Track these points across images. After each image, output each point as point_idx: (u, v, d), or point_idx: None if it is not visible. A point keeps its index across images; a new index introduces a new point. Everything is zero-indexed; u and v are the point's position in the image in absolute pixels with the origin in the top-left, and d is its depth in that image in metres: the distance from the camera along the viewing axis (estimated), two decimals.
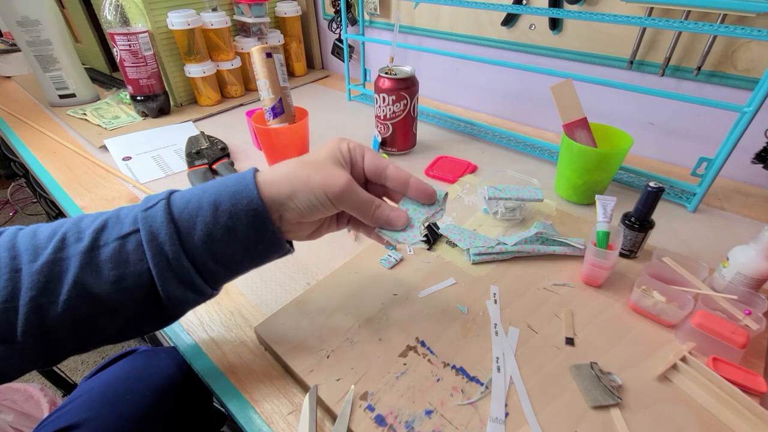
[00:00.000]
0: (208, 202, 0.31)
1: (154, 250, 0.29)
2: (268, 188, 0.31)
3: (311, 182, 0.31)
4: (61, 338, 0.29)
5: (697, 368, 0.35)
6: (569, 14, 0.62)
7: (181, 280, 0.30)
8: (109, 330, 0.31)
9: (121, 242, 0.29)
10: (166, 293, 0.30)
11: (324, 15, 1.16)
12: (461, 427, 0.33)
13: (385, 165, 0.35)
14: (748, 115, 0.51)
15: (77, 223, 0.31)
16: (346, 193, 0.32)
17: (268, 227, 0.31)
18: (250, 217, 0.30)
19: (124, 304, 0.29)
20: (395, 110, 0.72)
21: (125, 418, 0.44)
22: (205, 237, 0.30)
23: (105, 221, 0.31)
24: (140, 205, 0.31)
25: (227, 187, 0.31)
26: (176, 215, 0.30)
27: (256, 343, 0.43)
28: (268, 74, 0.63)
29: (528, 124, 0.90)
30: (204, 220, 0.30)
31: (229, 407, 0.37)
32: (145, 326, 0.33)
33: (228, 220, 0.30)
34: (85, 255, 0.29)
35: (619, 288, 0.46)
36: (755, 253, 0.42)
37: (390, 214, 0.34)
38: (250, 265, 0.34)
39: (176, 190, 0.33)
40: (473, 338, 0.40)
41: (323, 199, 0.31)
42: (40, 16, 0.90)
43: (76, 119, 0.93)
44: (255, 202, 0.30)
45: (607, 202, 0.47)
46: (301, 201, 0.31)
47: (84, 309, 0.28)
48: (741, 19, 0.59)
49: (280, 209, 0.32)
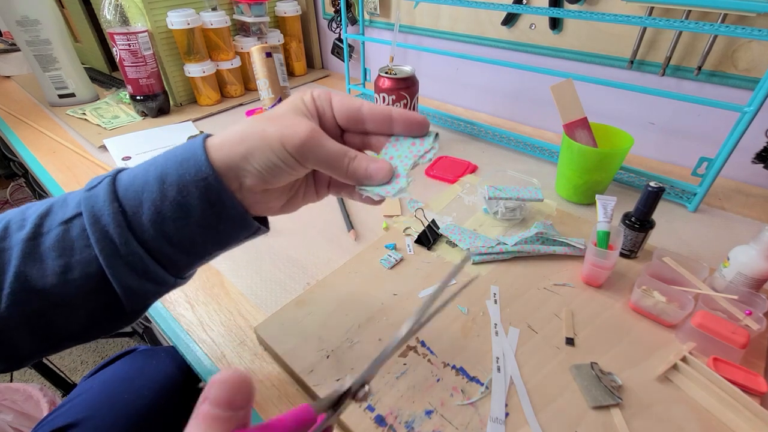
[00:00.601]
0: (155, 176, 0.26)
1: (98, 234, 0.25)
2: (218, 151, 0.26)
3: (267, 136, 0.25)
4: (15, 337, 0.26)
5: (698, 368, 0.35)
6: (569, 14, 0.62)
7: (133, 268, 0.26)
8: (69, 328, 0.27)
9: (64, 227, 0.26)
10: (119, 284, 0.26)
11: (324, 14, 1.16)
12: (461, 427, 0.33)
13: (359, 104, 0.29)
14: (749, 115, 0.51)
15: (23, 210, 0.27)
16: (309, 144, 0.26)
17: (226, 200, 0.26)
18: (201, 189, 0.25)
19: (74, 298, 0.26)
20: None
21: (124, 417, 0.44)
22: (154, 216, 0.26)
23: (50, 206, 0.27)
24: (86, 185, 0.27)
25: (174, 156, 0.26)
26: (121, 193, 0.26)
27: (256, 343, 0.43)
28: (268, 74, 0.63)
29: (528, 124, 0.90)
30: (151, 196, 0.26)
31: None
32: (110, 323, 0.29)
33: (177, 195, 0.25)
34: (26, 243, 0.25)
35: (620, 288, 0.46)
36: (756, 253, 0.42)
37: (369, 166, 0.28)
38: (214, 248, 0.29)
39: (126, 168, 0.28)
40: (473, 338, 0.40)
41: (283, 155, 0.25)
42: (40, 15, 0.90)
43: (76, 119, 0.93)
44: (204, 171, 0.25)
45: (607, 202, 0.47)
46: (258, 161, 0.26)
47: (31, 304, 0.25)
48: (741, 19, 0.59)
49: (238, 175, 0.26)
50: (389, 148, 0.30)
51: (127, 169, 0.28)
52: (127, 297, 0.27)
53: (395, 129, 0.29)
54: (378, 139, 0.30)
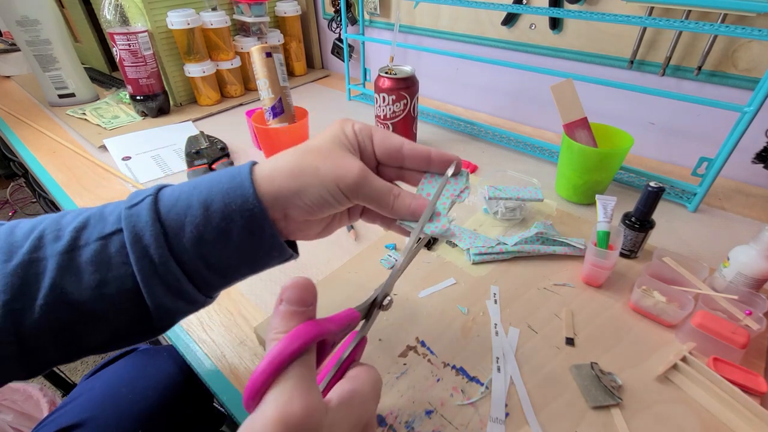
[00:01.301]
0: (199, 200, 0.27)
1: (138, 252, 0.26)
2: (268, 184, 0.27)
3: (321, 174, 0.27)
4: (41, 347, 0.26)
5: (698, 368, 0.35)
6: (569, 14, 0.62)
7: (169, 287, 0.27)
8: (94, 340, 0.28)
9: (103, 243, 0.26)
10: (153, 301, 0.27)
11: (324, 14, 1.16)
12: (461, 427, 0.33)
13: (399, 143, 0.30)
14: (749, 115, 0.51)
15: (58, 220, 0.28)
16: (361, 183, 0.27)
17: (266, 230, 0.27)
18: (246, 218, 0.27)
19: (106, 312, 0.26)
20: (395, 110, 0.72)
21: (127, 417, 0.44)
22: (195, 239, 0.26)
23: (87, 219, 0.27)
24: (126, 201, 0.28)
25: (220, 183, 0.27)
26: (163, 214, 0.27)
27: (256, 343, 0.42)
28: (268, 74, 0.63)
29: (528, 124, 0.90)
30: (194, 220, 0.26)
31: (229, 408, 0.37)
32: (134, 337, 0.29)
33: (221, 222, 0.26)
34: (63, 256, 0.26)
35: (620, 288, 0.46)
36: (756, 253, 0.42)
37: (412, 203, 0.29)
38: (248, 272, 0.30)
39: (167, 185, 0.29)
40: (473, 338, 0.40)
41: (336, 193, 0.27)
42: (40, 15, 0.90)
43: (76, 119, 0.93)
44: (251, 202, 0.26)
45: (607, 202, 0.47)
46: (310, 197, 0.27)
47: (63, 316, 0.26)
48: (741, 19, 0.59)
49: (285, 207, 0.27)
50: (425, 185, 0.31)
51: (168, 186, 0.29)
52: (158, 314, 0.27)
53: (432, 167, 0.31)
54: (412, 174, 0.32)
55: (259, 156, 0.78)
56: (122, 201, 0.28)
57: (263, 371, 0.17)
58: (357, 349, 0.25)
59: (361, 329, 0.25)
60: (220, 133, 0.82)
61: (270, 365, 0.17)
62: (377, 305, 0.26)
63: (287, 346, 0.18)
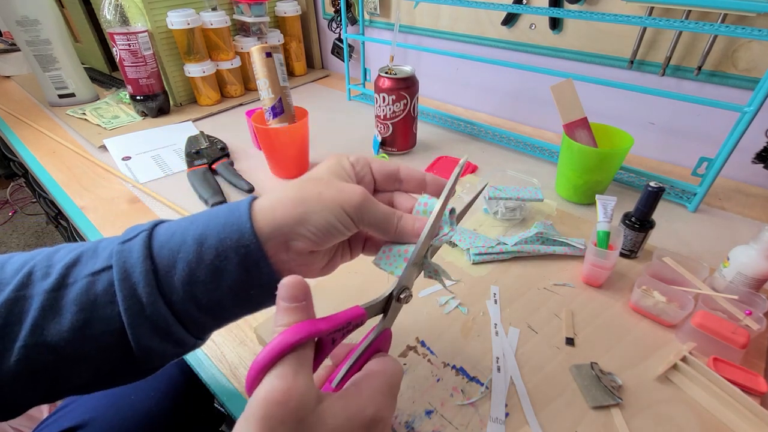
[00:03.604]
0: (194, 236, 0.25)
1: (126, 291, 0.24)
2: (269, 215, 0.26)
3: (324, 199, 0.26)
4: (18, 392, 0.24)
5: (698, 368, 0.35)
6: (569, 14, 0.62)
7: (156, 329, 0.25)
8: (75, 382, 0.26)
9: (90, 280, 0.25)
10: (138, 343, 0.25)
11: (324, 14, 1.16)
12: (461, 427, 0.33)
13: (396, 168, 0.31)
14: (749, 115, 0.51)
15: (51, 255, 0.26)
16: (366, 205, 0.27)
17: (263, 268, 0.26)
18: (241, 255, 0.25)
19: (89, 354, 0.25)
20: (395, 110, 0.72)
21: (130, 418, 0.44)
22: (186, 278, 0.25)
23: (79, 255, 0.26)
24: (121, 236, 0.27)
25: (217, 218, 0.26)
26: (156, 251, 0.25)
27: (256, 343, 0.42)
28: (268, 74, 0.63)
29: (528, 124, 0.90)
30: (186, 257, 0.25)
31: (229, 408, 0.37)
32: (118, 378, 0.27)
33: (214, 259, 0.25)
34: (49, 294, 0.24)
35: (620, 288, 0.46)
36: (756, 253, 0.42)
37: (415, 224, 0.29)
38: (242, 313, 0.28)
39: (165, 220, 0.28)
40: (473, 338, 0.40)
41: (342, 217, 0.26)
42: (40, 15, 0.90)
43: (76, 119, 0.93)
44: (246, 238, 0.25)
45: (607, 202, 0.47)
46: (315, 223, 0.26)
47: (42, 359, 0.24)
48: (741, 19, 0.59)
49: (288, 238, 0.26)
50: (421, 205, 0.31)
51: (166, 222, 0.27)
52: (144, 357, 0.26)
53: (429, 189, 0.31)
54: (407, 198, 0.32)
55: (259, 155, 0.78)
56: (117, 237, 0.27)
57: (260, 360, 0.19)
58: (380, 342, 0.25)
59: (381, 322, 0.26)
60: (220, 133, 0.82)
61: (267, 355, 0.19)
62: (394, 299, 0.27)
63: (282, 339, 0.19)
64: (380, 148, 0.78)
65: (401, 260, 0.29)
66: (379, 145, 0.77)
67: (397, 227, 0.29)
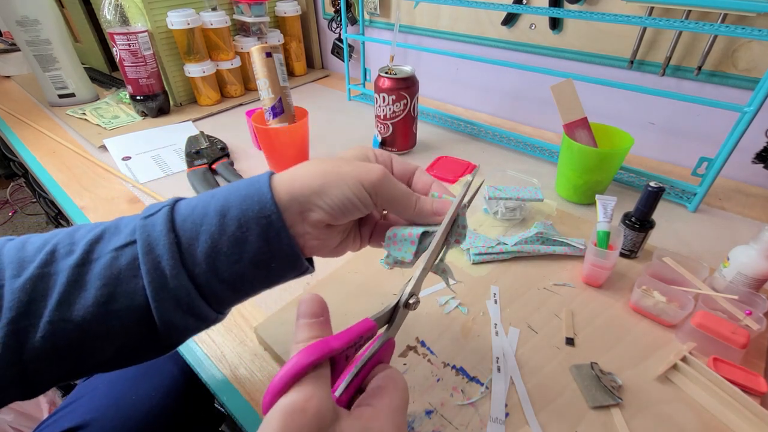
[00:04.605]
0: (215, 209, 0.26)
1: (150, 264, 0.25)
2: (288, 185, 0.27)
3: (344, 173, 0.27)
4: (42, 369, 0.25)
5: (698, 368, 0.35)
6: (569, 14, 0.62)
7: (179, 302, 0.26)
8: (97, 359, 0.26)
9: (114, 255, 0.25)
10: (161, 317, 0.26)
11: (324, 14, 1.16)
12: (461, 427, 0.33)
13: (414, 167, 0.33)
14: (749, 115, 0.51)
15: (72, 233, 0.27)
16: (384, 181, 0.27)
17: (283, 239, 0.26)
18: (262, 226, 0.26)
19: (112, 330, 0.25)
20: (395, 110, 0.72)
21: (130, 418, 0.44)
22: (208, 250, 0.26)
23: (102, 232, 0.26)
24: (142, 212, 0.27)
25: (238, 190, 0.27)
26: (178, 224, 0.26)
27: (256, 343, 0.42)
28: (268, 74, 0.63)
29: (528, 124, 0.90)
30: (209, 229, 0.26)
31: (229, 408, 0.37)
32: (140, 355, 0.28)
33: (236, 230, 0.26)
34: (74, 270, 0.25)
35: (620, 288, 0.46)
36: (756, 253, 0.42)
37: (434, 204, 0.30)
38: (261, 285, 0.29)
39: (184, 197, 0.29)
40: (473, 338, 0.40)
41: (359, 191, 0.27)
42: (40, 15, 0.90)
43: (76, 119, 0.93)
44: (268, 208, 0.26)
45: (607, 202, 0.47)
46: (333, 196, 0.26)
47: (67, 335, 0.24)
48: (741, 19, 0.59)
49: (305, 207, 0.27)
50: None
51: (185, 198, 0.28)
52: (166, 331, 0.26)
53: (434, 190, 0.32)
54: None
55: (259, 155, 0.78)
56: (138, 214, 0.27)
57: (277, 382, 0.19)
58: (382, 352, 0.25)
59: (386, 332, 0.26)
60: (220, 133, 0.82)
61: (284, 377, 0.19)
62: (402, 305, 0.26)
63: (297, 361, 0.20)
64: (380, 148, 0.78)
65: (408, 244, 0.29)
66: (379, 145, 0.77)
67: (416, 204, 0.29)
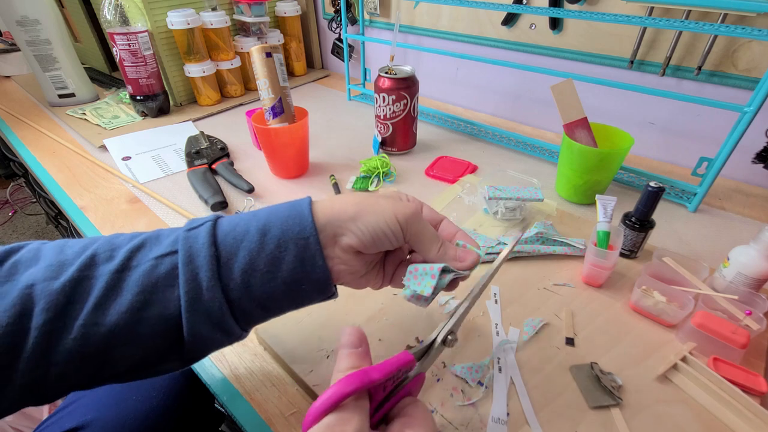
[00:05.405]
0: (257, 227, 0.28)
1: (188, 274, 0.26)
2: (327, 210, 0.29)
3: (380, 204, 0.29)
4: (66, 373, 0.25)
5: (698, 368, 0.35)
6: (569, 14, 0.62)
7: (210, 315, 0.26)
8: (118, 367, 0.27)
9: (154, 263, 0.26)
10: (191, 328, 0.26)
11: (324, 15, 1.16)
12: (462, 427, 0.33)
13: (442, 217, 0.35)
14: (749, 114, 0.51)
15: (111, 240, 0.28)
16: (417, 217, 0.30)
17: (317, 261, 0.28)
18: (300, 247, 0.27)
19: (141, 336, 0.26)
20: (395, 110, 0.72)
21: (130, 418, 0.44)
22: (246, 266, 0.27)
23: (143, 240, 0.28)
24: (185, 225, 0.29)
25: (279, 212, 0.29)
26: (220, 238, 0.27)
27: (256, 343, 0.42)
28: (268, 74, 0.63)
29: (528, 124, 0.90)
30: (249, 246, 0.27)
31: (229, 408, 0.37)
32: (159, 366, 0.28)
33: (275, 249, 0.27)
34: (113, 275, 0.26)
35: (620, 288, 0.46)
36: (756, 254, 0.42)
37: (458, 252, 0.32)
38: (289, 307, 0.30)
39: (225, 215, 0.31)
40: (474, 338, 0.40)
41: (393, 222, 0.29)
42: (40, 15, 0.90)
43: (76, 119, 0.93)
44: (308, 230, 0.28)
45: (607, 202, 0.47)
46: (367, 223, 0.28)
47: (96, 341, 0.25)
48: (741, 19, 0.59)
49: (339, 231, 0.28)
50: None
51: (226, 216, 0.30)
52: (192, 343, 0.27)
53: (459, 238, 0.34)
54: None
55: (259, 155, 0.78)
56: (178, 227, 0.29)
57: (318, 407, 0.20)
58: (412, 384, 0.25)
59: (418, 366, 0.26)
60: (220, 133, 0.82)
61: (325, 403, 0.20)
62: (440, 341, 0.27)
63: (338, 389, 0.20)
64: (380, 148, 0.78)
65: (428, 278, 0.30)
66: (379, 145, 0.77)
67: (441, 248, 0.31)
